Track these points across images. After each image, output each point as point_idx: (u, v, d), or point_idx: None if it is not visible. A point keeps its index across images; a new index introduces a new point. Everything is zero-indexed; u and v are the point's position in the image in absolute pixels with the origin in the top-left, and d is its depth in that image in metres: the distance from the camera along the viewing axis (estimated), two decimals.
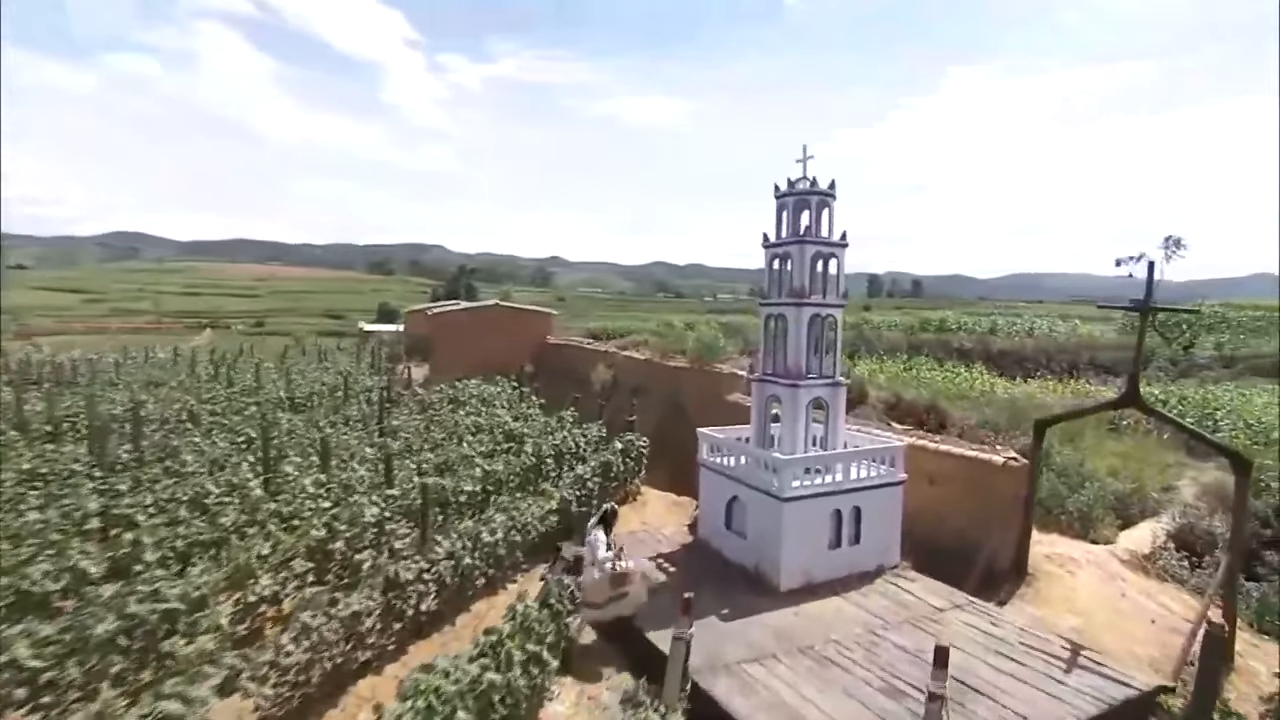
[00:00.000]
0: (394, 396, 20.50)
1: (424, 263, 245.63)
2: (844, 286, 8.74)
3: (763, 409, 9.10)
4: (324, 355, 35.78)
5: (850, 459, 8.41)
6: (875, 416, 17.95)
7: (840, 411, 8.81)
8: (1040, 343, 30.72)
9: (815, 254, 8.49)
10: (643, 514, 12.31)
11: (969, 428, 16.90)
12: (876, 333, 31.64)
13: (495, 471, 11.28)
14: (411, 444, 14.22)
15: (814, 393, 8.62)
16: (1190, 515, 12.21)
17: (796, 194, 8.59)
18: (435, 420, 16.71)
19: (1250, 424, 15.45)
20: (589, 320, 72.56)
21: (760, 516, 8.39)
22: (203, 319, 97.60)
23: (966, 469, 9.05)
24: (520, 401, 19.33)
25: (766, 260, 8.99)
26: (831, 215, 8.71)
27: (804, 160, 8.74)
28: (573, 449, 13.34)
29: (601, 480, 11.45)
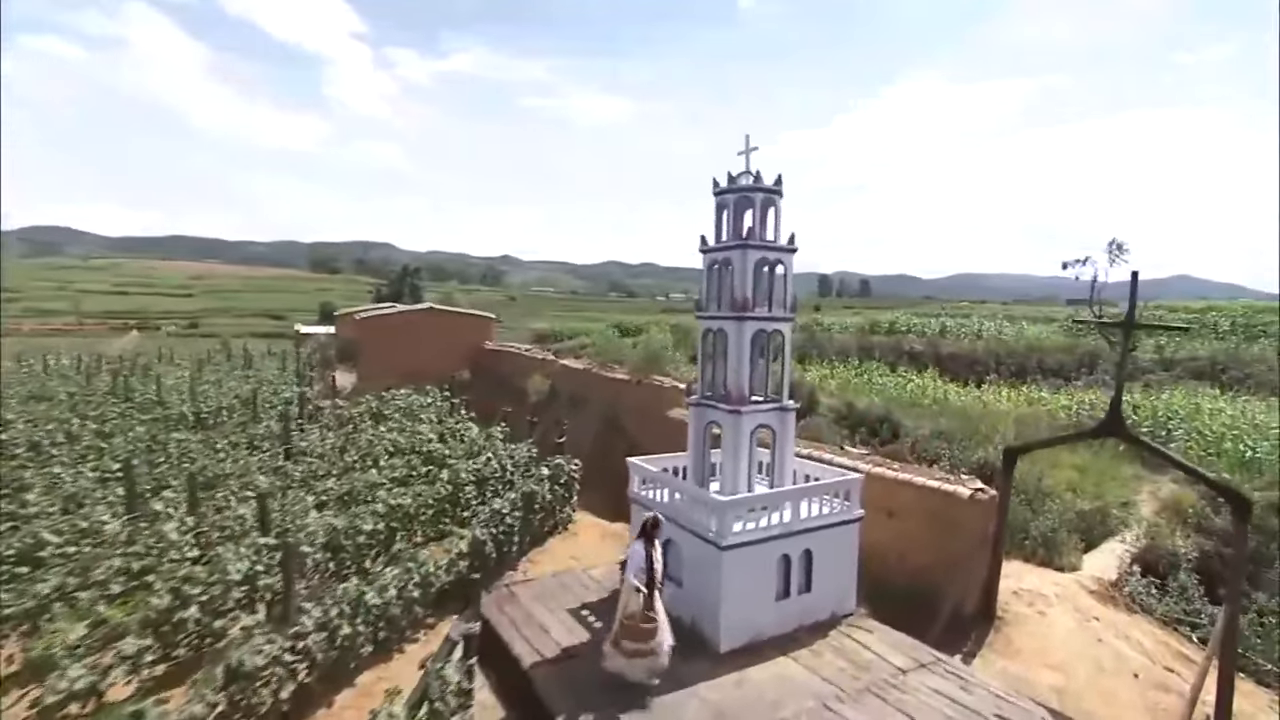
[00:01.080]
0: (311, 410, 18.77)
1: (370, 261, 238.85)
2: (793, 297, 7.66)
3: (701, 436, 7.96)
4: (249, 361, 33.44)
5: (800, 496, 7.33)
6: (826, 428, 17.12)
7: (789, 440, 7.74)
8: (989, 345, 30.56)
9: (760, 260, 7.38)
10: (573, 546, 11.08)
11: (923, 438, 16.18)
12: (828, 335, 31.04)
13: (403, 505, 9.87)
14: (317, 470, 12.66)
15: (759, 419, 7.53)
16: (1152, 534, 11.66)
17: (738, 191, 7.47)
18: (351, 439, 15.15)
19: (1203, 434, 15.06)
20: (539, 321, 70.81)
21: (697, 564, 7.24)
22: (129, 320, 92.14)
23: (929, 501, 8.09)
24: (451, 414, 17.86)
25: (704, 267, 7.85)
26: (778, 215, 7.62)
27: (746, 153, 7.63)
28: (497, 473, 12.02)
29: (524, 513, 10.17)
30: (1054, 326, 44.71)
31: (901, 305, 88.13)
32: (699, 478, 8.04)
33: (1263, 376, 27.48)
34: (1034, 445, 8.16)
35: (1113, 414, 6.47)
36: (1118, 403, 6.42)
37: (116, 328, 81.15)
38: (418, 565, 7.83)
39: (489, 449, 13.21)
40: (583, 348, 21.99)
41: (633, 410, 14.88)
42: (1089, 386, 24.25)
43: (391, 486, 11.31)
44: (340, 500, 10.73)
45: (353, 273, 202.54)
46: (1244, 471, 13.14)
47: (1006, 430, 15.18)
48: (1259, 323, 43.91)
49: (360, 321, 26.18)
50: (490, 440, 14.90)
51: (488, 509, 9.61)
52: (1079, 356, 29.49)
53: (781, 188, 7.53)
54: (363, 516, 9.23)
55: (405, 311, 27.53)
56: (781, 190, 7.54)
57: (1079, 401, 18.88)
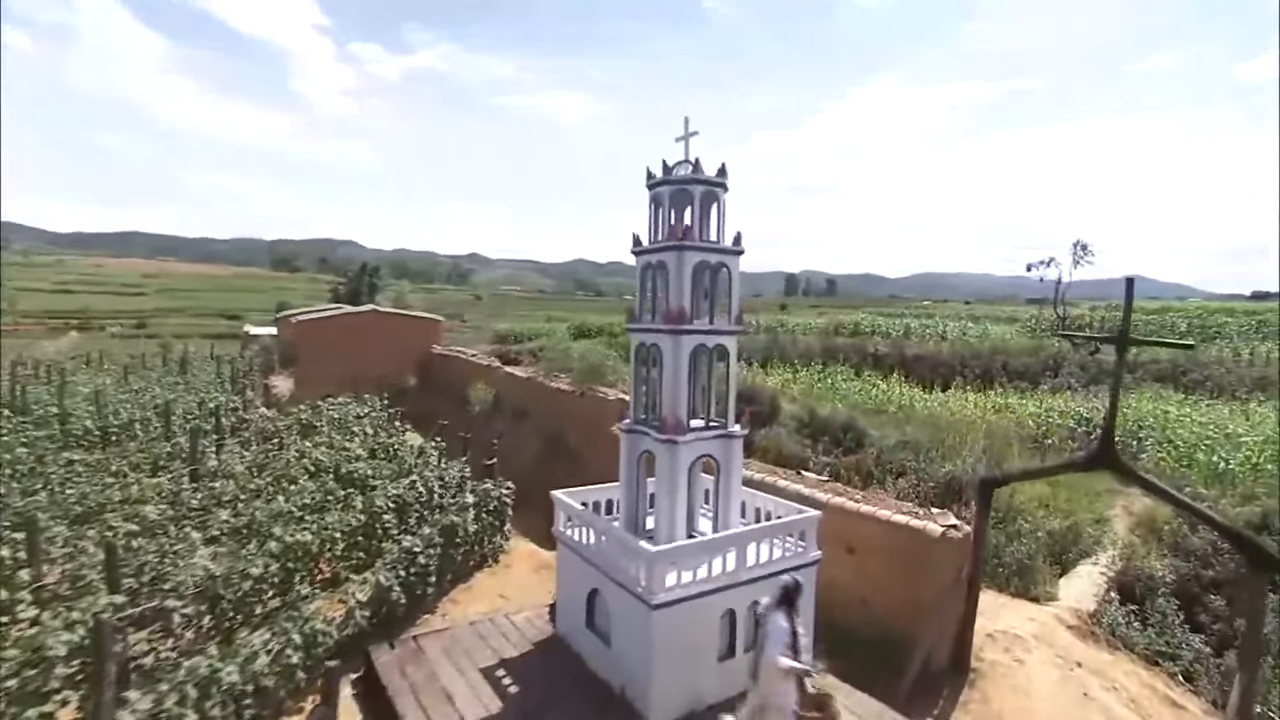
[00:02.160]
0: (234, 423, 17.25)
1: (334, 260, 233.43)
2: (739, 306, 6.60)
3: (634, 467, 6.87)
4: (185, 365, 31.44)
5: (748, 540, 6.28)
6: (787, 438, 16.22)
7: (735, 471, 6.68)
8: (954, 347, 30.09)
9: (700, 263, 6.31)
10: (504, 582, 9.91)
11: (888, 449, 15.38)
12: (791, 337, 30.25)
13: (302, 543, 8.60)
14: (221, 495, 11.27)
15: (699, 450, 6.46)
16: (1127, 555, 10.94)
17: (674, 183, 6.38)
18: (271, 457, 13.75)
19: (1174, 443, 14.49)
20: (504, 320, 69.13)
21: (626, 622, 6.16)
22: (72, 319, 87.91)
23: (895, 538, 7.12)
24: (386, 427, 16.52)
25: (638, 271, 6.76)
26: (722, 211, 6.57)
27: (685, 138, 6.56)
28: (423, 498, 10.80)
29: (443, 548, 8.97)
30: (1017, 327, 44.78)
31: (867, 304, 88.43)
32: (632, 515, 6.95)
33: (1221, 379, 27.44)
34: (1014, 477, 7.25)
35: (1105, 444, 5.55)
36: (1110, 431, 5.51)
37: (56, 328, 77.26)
38: (299, 623, 6.59)
39: (418, 469, 11.95)
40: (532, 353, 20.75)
41: (576, 425, 13.73)
42: (1056, 390, 23.87)
43: (301, 516, 10.04)
44: (237, 534, 9.40)
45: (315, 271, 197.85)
46: (1217, 484, 12.56)
47: (975, 442, 14.44)
48: (1213, 324, 44.52)
49: (297, 324, 24.54)
50: (423, 458, 13.67)
51: (397, 547, 8.39)
52: (1044, 359, 29.20)
53: (726, 179, 6.47)
54: (251, 557, 7.95)
55: (345, 313, 25.96)
56: (725, 182, 6.48)
57: (1048, 408, 18.29)
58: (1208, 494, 11.52)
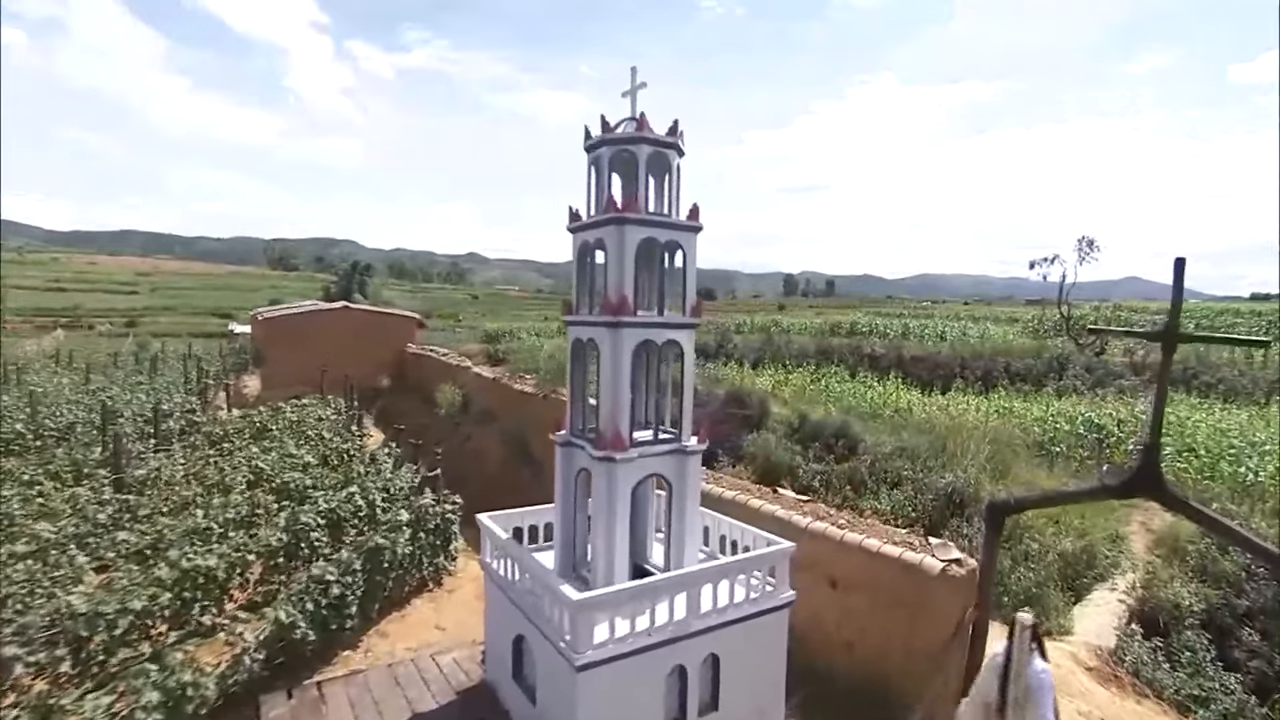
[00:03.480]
0: (182, 426, 16.12)
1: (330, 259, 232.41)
2: (694, 293, 5.44)
3: (571, 487, 5.72)
4: (156, 364, 30.30)
5: (703, 580, 5.12)
6: (776, 443, 15.08)
7: (691, 494, 5.52)
8: (954, 348, 28.94)
9: (645, 241, 5.15)
10: (445, 609, 8.75)
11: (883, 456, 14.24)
12: (785, 337, 29.06)
13: (202, 568, 7.45)
14: (136, 508, 10.11)
15: (646, 468, 5.31)
16: (1148, 580, 9.78)
17: (615, 143, 5.23)
18: (210, 464, 12.63)
19: (1195, 452, 13.33)
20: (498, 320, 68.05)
21: (552, 679, 5.01)
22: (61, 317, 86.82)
23: (886, 573, 5.96)
24: (346, 430, 15.37)
25: (573, 252, 5.61)
26: (675, 180, 5.42)
27: (632, 92, 5.41)
28: (363, 511, 9.66)
29: (367, 574, 7.81)
30: (1018, 327, 43.62)
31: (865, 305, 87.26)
32: (569, 544, 5.80)
33: (1234, 381, 26.29)
34: (1030, 503, 6.05)
35: (1147, 465, 4.37)
36: (1155, 450, 4.34)
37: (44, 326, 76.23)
38: (164, 674, 5.44)
39: (361, 479, 10.80)
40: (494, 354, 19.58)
41: (541, 430, 12.52)
42: (1061, 393, 22.71)
43: (223, 532, 8.91)
44: (136, 557, 8.25)
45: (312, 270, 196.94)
46: (1246, 498, 11.42)
47: (978, 449, 13.29)
48: (1221, 325, 43.36)
49: (263, 321, 23.38)
50: (375, 465, 12.53)
51: (305, 575, 7.24)
52: (1047, 360, 28.05)
53: (679, 140, 5.32)
54: (135, 590, 6.79)
55: (316, 310, 24.79)
56: (679, 144, 5.33)
57: (1054, 412, 17.14)
58: (1236, 510, 10.37)
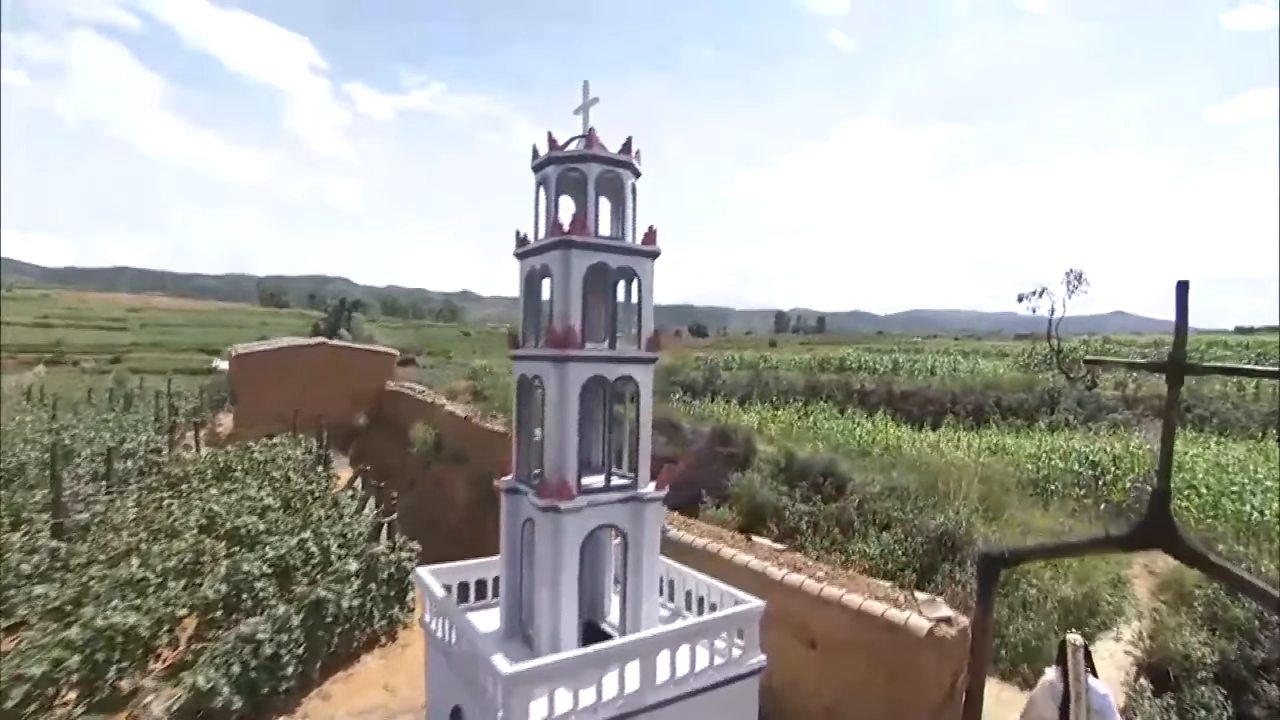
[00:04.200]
0: (141, 466, 15.44)
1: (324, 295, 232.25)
2: (651, 324, 4.98)
3: (518, 538, 5.17)
4: (129, 401, 29.58)
5: (660, 646, 4.54)
6: (761, 483, 14.52)
7: (649, 546, 4.97)
8: (944, 383, 28.57)
9: (596, 267, 4.70)
10: (395, 668, 8.06)
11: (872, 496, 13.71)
12: (774, 373, 28.64)
13: (127, 625, 6.79)
14: (69, 556, 9.42)
15: (597, 518, 4.77)
16: (1155, 629, 9.18)
17: (563, 161, 4.82)
18: (165, 505, 11.97)
19: (1196, 489, 12.82)
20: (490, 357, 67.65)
21: None
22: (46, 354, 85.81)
23: (869, 633, 5.39)
24: (310, 470, 14.72)
25: (520, 280, 5.16)
26: (628, 202, 5.01)
27: (584, 108, 5.02)
28: (315, 558, 9.01)
29: (307, 630, 7.16)
30: (1008, 361, 43.40)
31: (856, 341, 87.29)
32: (515, 603, 5.22)
33: (1228, 414, 25.94)
34: (1026, 556, 5.51)
35: (1157, 512, 3.87)
36: (1165, 497, 3.85)
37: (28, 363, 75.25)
38: None
39: (316, 524, 10.15)
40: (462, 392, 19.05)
41: None
42: (1054, 428, 22.27)
43: (161, 582, 8.24)
44: (56, 613, 7.57)
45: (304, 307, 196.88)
46: (1252, 538, 10.88)
47: (970, 489, 12.76)
48: (1212, 358, 43.27)
49: (236, 358, 22.80)
50: (337, 508, 11.89)
51: (233, 634, 6.59)
52: (1038, 395, 27.70)
53: (633, 158, 4.91)
54: (35, 653, 6.13)
55: (291, 346, 24.25)
56: (634, 164, 4.93)
57: (1047, 449, 16.65)
58: (1244, 551, 9.84)
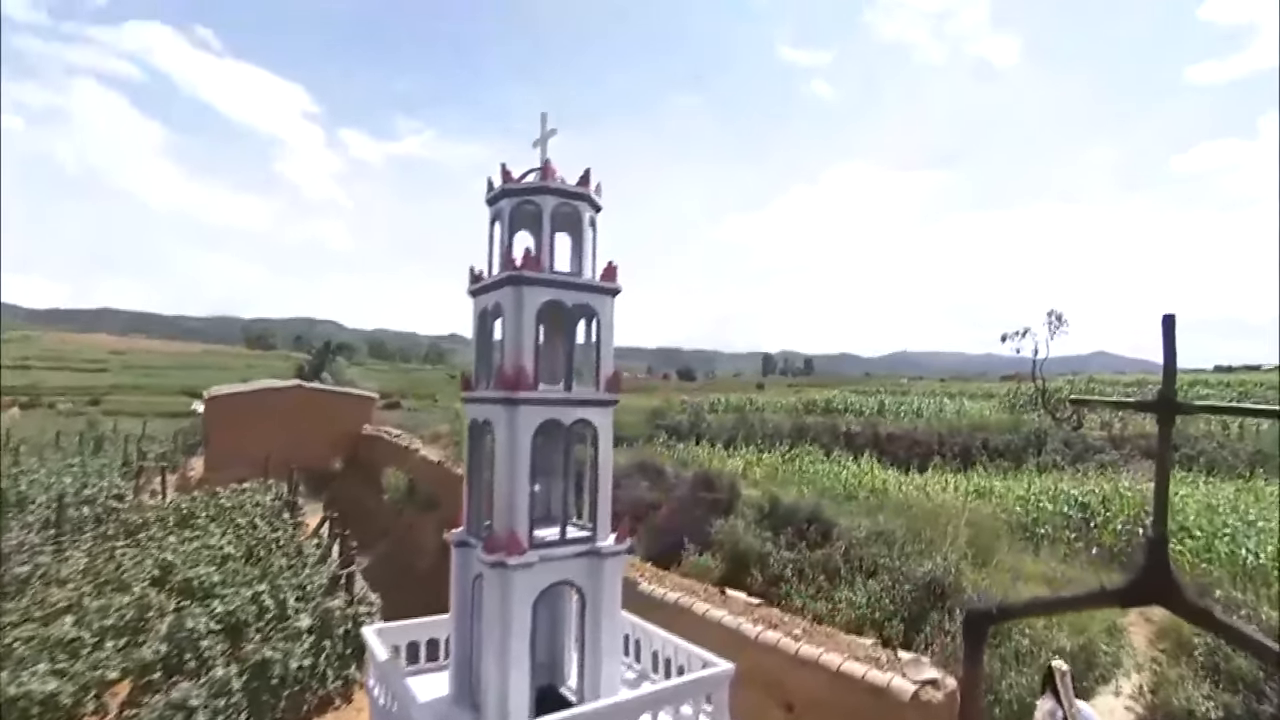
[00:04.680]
0: (98, 514, 14.80)
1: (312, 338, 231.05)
2: (611, 365, 4.70)
3: (468, 595, 4.77)
4: (99, 445, 28.80)
5: (617, 717, 4.13)
6: (744, 529, 14.09)
7: (608, 605, 4.58)
8: (930, 424, 28.38)
9: (550, 304, 4.44)
10: None
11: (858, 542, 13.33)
12: (760, 416, 28.35)
13: (44, 692, 6.24)
14: None
15: (551, 574, 4.40)
16: (1156, 683, 8.77)
17: (516, 193, 4.59)
18: (117, 556, 11.38)
19: (1189, 530, 12.53)
20: None
21: None
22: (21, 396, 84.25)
23: (849, 695, 4.99)
24: (275, 517, 14.15)
25: (473, 319, 4.88)
26: (590, 237, 4.77)
27: (542, 140, 4.82)
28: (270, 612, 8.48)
29: (252, 690, 6.63)
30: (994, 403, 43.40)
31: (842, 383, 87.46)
32: (465, 665, 4.79)
33: (1214, 454, 25.87)
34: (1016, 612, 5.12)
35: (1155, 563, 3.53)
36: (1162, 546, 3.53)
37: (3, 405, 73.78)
38: None
39: (274, 576, 9.62)
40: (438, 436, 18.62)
41: None
42: (1042, 469, 22.04)
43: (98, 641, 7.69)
44: None
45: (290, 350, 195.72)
46: (1249, 583, 10.56)
47: (958, 533, 12.41)
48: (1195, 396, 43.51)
49: (211, 400, 22.24)
50: (301, 558, 11.35)
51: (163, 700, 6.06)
52: (1025, 436, 27.56)
53: (591, 191, 4.70)
54: None
55: (266, 389, 23.74)
56: (592, 197, 4.71)
57: (1036, 491, 16.37)
58: (1242, 598, 9.49)
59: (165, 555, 10.88)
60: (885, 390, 52.01)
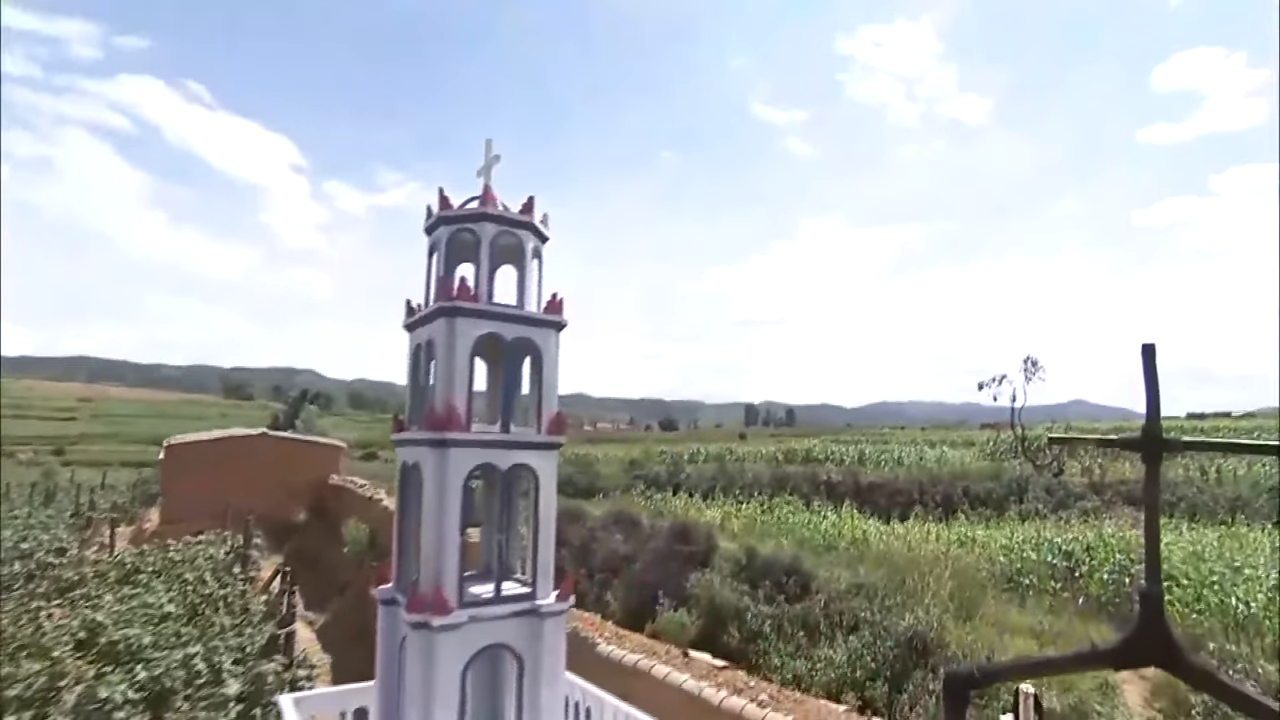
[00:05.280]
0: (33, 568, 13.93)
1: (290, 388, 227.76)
2: (554, 406, 4.34)
3: (394, 657, 4.29)
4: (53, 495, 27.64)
5: None
6: (720, 583, 13.54)
7: (548, 672, 4.12)
8: (911, 473, 28.05)
9: (485, 338, 4.10)
10: None
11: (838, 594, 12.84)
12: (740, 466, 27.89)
13: None
14: None
15: (483, 636, 3.95)
16: None
17: (454, 221, 4.31)
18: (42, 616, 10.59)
19: (1172, 576, 12.18)
20: None
21: None
22: None
23: None
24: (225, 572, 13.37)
25: (408, 356, 4.54)
26: (536, 269, 4.48)
27: (486, 168, 4.56)
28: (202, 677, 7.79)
29: None
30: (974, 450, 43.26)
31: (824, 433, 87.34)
32: None
33: (1195, 499, 25.72)
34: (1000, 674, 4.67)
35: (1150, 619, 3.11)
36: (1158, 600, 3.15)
37: None
38: None
39: (208, 637, 8.92)
40: None
41: None
42: (1024, 517, 21.71)
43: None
44: None
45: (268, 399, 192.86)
46: (1242, 634, 10.17)
47: (941, 584, 11.96)
48: None
49: (170, 448, 21.38)
50: (248, 615, 10.63)
51: None
52: (1006, 483, 27.29)
53: (535, 220, 4.42)
54: None
55: (228, 437, 22.95)
56: (536, 226, 4.43)
57: (1019, 540, 16.00)
58: (1236, 651, 9.09)
59: (96, 615, 10.11)
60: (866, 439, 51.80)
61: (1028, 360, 29.72)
